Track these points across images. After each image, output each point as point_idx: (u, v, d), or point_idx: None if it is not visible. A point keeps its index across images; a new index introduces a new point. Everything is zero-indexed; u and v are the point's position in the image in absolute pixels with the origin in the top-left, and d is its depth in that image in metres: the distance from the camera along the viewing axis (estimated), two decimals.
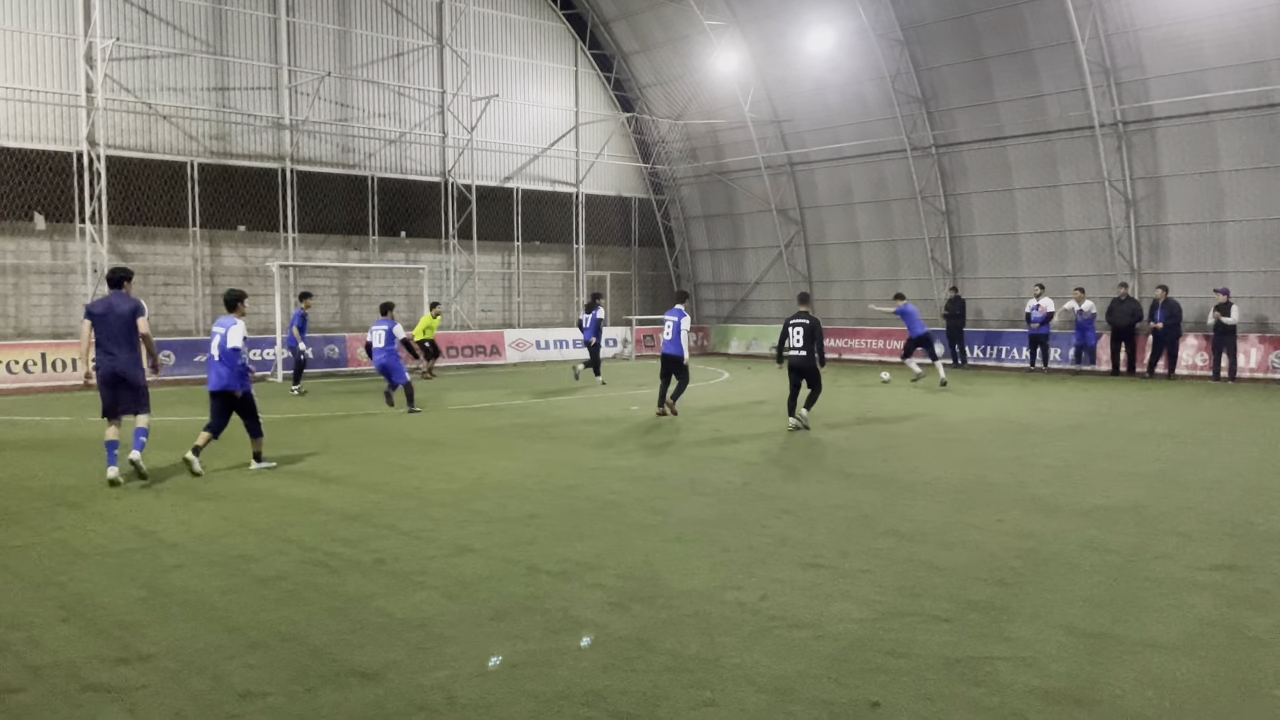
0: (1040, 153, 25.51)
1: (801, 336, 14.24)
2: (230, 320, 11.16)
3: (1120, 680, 4.99)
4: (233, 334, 10.97)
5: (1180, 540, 7.86)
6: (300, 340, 20.19)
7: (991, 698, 4.77)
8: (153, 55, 24.31)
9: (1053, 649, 5.42)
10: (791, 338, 14.35)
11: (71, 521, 8.64)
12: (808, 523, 8.48)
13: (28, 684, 4.97)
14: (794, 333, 14.33)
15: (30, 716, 4.60)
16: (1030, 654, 5.34)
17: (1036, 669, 5.13)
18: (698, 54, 31.04)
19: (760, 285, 33.41)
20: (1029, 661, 5.23)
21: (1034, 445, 12.96)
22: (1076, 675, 5.06)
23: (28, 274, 23.08)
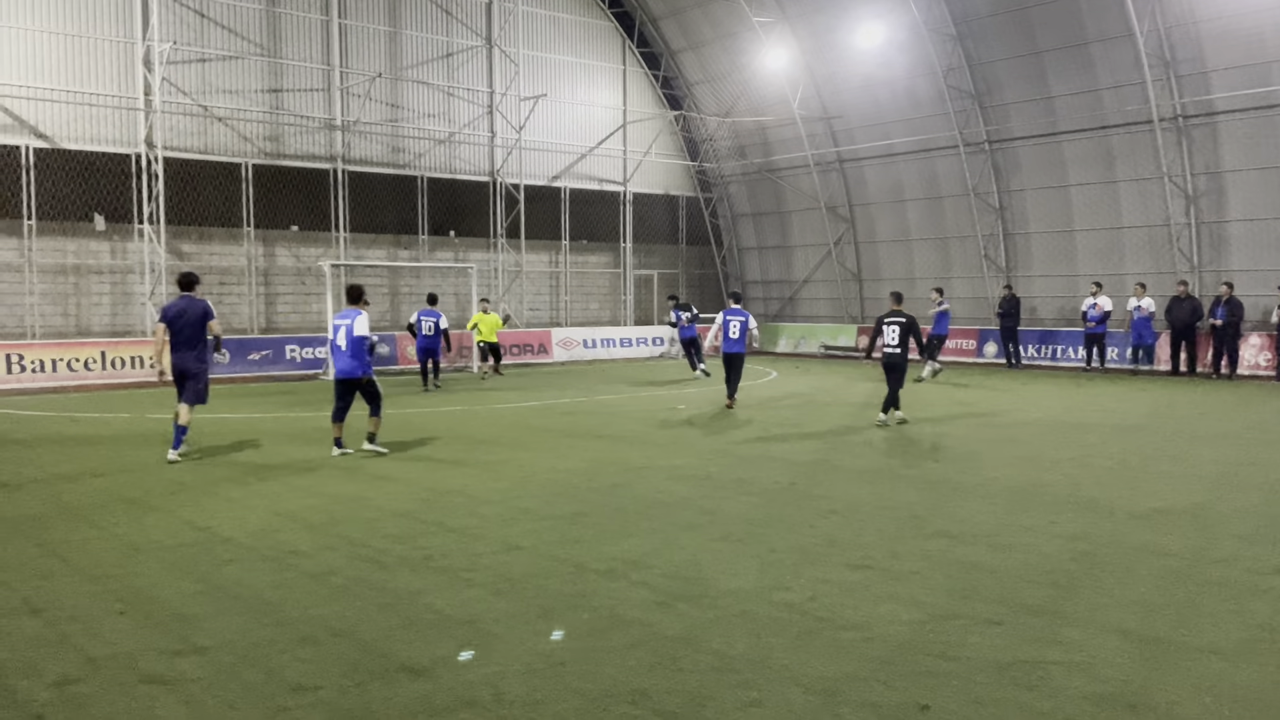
0: (1097, 148, 25.04)
1: (898, 334, 14.43)
2: (354, 311, 11.92)
3: (1176, 686, 4.87)
4: (358, 324, 11.74)
5: (1240, 543, 7.67)
6: None
7: (1044, 702, 4.69)
8: (208, 58, 24.77)
9: (1107, 653, 5.31)
10: (886, 335, 14.51)
11: (129, 516, 8.83)
12: (856, 523, 8.41)
13: (87, 675, 5.09)
14: (889, 331, 14.49)
15: (90, 706, 4.70)
16: (1084, 658, 5.24)
17: (1090, 674, 5.04)
18: (746, 51, 30.91)
19: (809, 284, 33.20)
20: (1083, 666, 5.14)
21: (1089, 446, 12.73)
22: (1131, 680, 4.96)
23: (88, 274, 23.63)
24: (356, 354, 11.78)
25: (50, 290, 23.14)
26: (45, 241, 22.92)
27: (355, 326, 11.72)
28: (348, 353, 11.79)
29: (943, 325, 23.03)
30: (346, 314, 11.94)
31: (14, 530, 8.29)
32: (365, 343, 11.78)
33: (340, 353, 11.88)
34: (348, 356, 11.81)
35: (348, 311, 11.98)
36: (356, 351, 11.77)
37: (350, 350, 11.76)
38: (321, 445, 12.97)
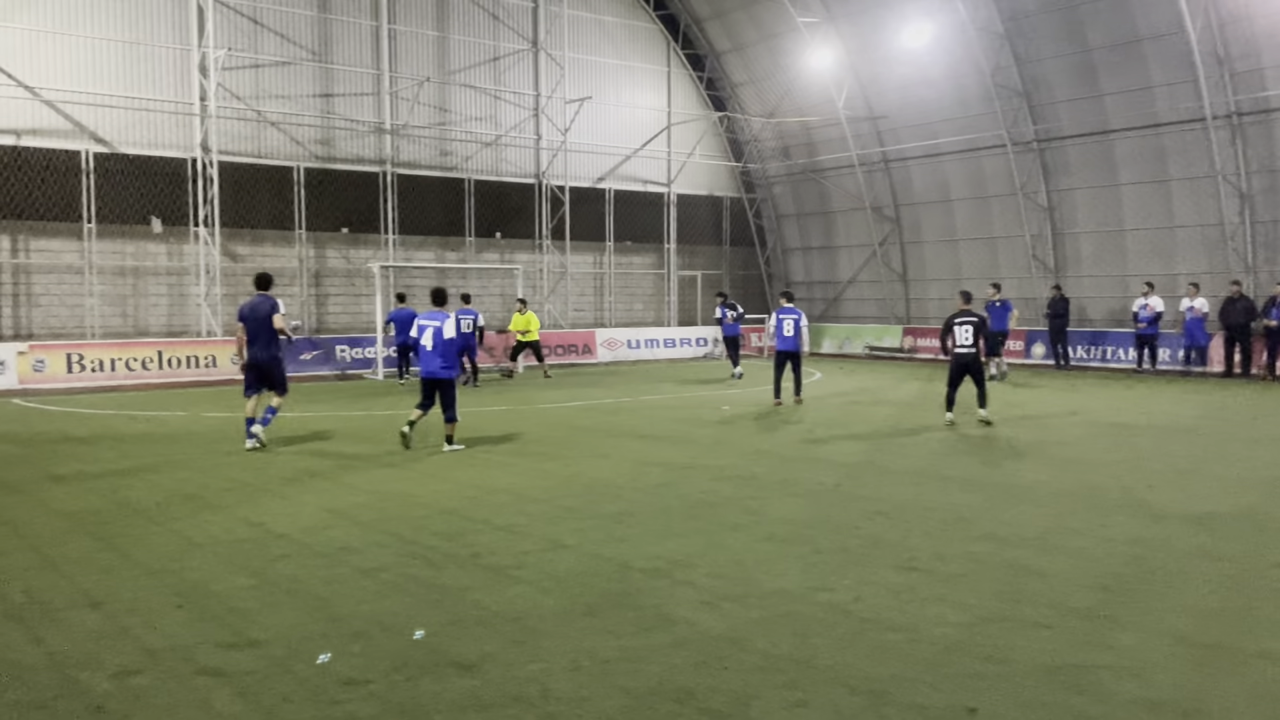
0: (1148, 146, 24.61)
1: (971, 334, 14.38)
2: (442, 314, 12.46)
3: (1231, 693, 4.81)
4: (448, 326, 12.28)
5: None
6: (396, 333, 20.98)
7: (1094, 707, 4.65)
8: (262, 64, 25.20)
9: (1159, 659, 5.25)
10: (959, 335, 14.42)
11: (186, 512, 9.03)
12: (902, 525, 8.37)
13: (145, 666, 5.23)
14: (961, 330, 14.41)
15: (148, 698, 4.83)
16: (1135, 663, 5.19)
17: (1142, 679, 4.98)
18: (791, 52, 30.80)
19: (854, 284, 33.00)
20: (1134, 671, 5.08)
21: (1140, 449, 12.53)
22: (1184, 686, 4.90)
23: (145, 275, 24.15)
24: (444, 355, 12.30)
25: (109, 291, 23.68)
26: (104, 244, 23.47)
27: (445, 329, 12.25)
28: (435, 353, 12.30)
29: (1003, 321, 22.64)
30: (434, 315, 12.44)
31: (75, 525, 8.52)
32: (454, 345, 12.33)
33: (427, 353, 12.37)
34: (435, 357, 12.32)
35: (435, 314, 12.48)
36: (444, 352, 12.29)
37: (438, 351, 12.27)
38: (370, 443, 13.16)
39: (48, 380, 21.21)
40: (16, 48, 22.24)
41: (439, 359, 12.31)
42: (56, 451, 12.71)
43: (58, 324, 23.12)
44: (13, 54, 22.21)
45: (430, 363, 12.39)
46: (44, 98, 22.57)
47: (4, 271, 22.56)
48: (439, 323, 12.31)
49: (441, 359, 12.30)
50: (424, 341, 12.35)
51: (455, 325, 12.45)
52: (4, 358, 20.94)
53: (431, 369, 12.39)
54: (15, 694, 4.86)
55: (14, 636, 5.68)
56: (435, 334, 12.26)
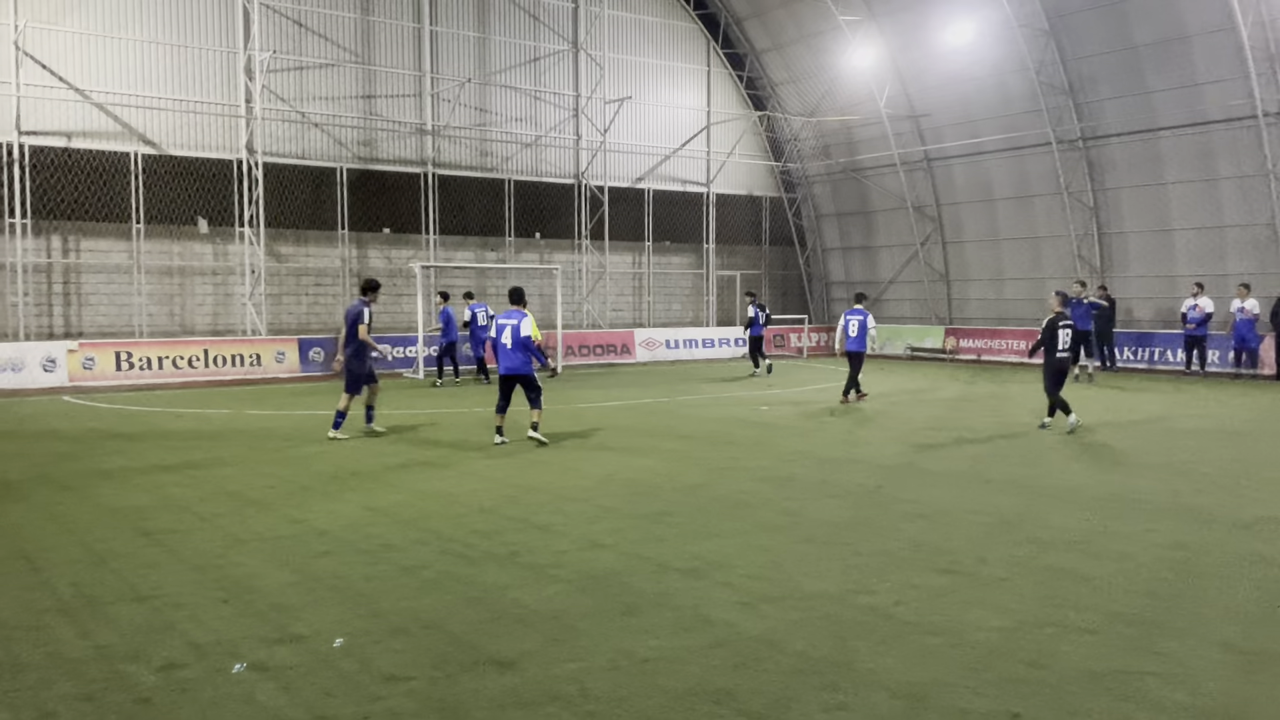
0: (1196, 144, 24.16)
1: (1070, 339, 14.18)
2: (520, 313, 12.76)
3: None
4: (525, 325, 12.58)
5: None
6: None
7: (1140, 714, 4.58)
8: (305, 66, 25.51)
9: (1207, 665, 5.16)
10: (1061, 340, 14.12)
11: (230, 508, 9.16)
12: (943, 528, 8.28)
13: (191, 660, 5.31)
14: (1064, 335, 14.13)
15: (193, 691, 4.91)
16: (1182, 670, 5.10)
17: (1189, 686, 4.89)
18: (832, 50, 30.61)
19: (894, 284, 32.73)
20: (1181, 678, 4.99)
21: (1188, 452, 12.31)
22: (1232, 694, 4.81)
23: (192, 275, 24.54)
24: (523, 352, 12.61)
25: (156, 291, 24.09)
26: (152, 244, 23.88)
27: (522, 327, 12.56)
28: (515, 350, 12.61)
29: (1088, 321, 21.83)
30: (512, 314, 12.76)
31: (122, 520, 8.68)
32: (532, 342, 12.61)
33: (506, 351, 12.68)
34: (514, 354, 12.64)
35: (513, 312, 12.80)
36: (524, 350, 12.61)
37: (516, 348, 12.59)
38: (411, 441, 13.28)
39: (97, 378, 21.62)
40: (67, 51, 22.70)
41: (519, 355, 12.62)
42: (105, 448, 12.95)
43: (106, 323, 23.56)
44: (63, 57, 22.67)
45: (510, 359, 12.68)
46: (94, 100, 23.02)
47: (55, 271, 23.03)
48: (517, 320, 12.61)
49: (521, 354, 12.61)
50: (503, 339, 12.63)
51: (531, 323, 12.70)
52: (55, 356, 21.38)
53: (512, 365, 12.69)
54: (64, 686, 4.96)
55: (63, 630, 5.80)
56: (514, 331, 12.56)
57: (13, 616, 6.04)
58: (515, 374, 12.79)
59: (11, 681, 5.02)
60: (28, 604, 6.29)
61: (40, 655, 5.38)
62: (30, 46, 22.20)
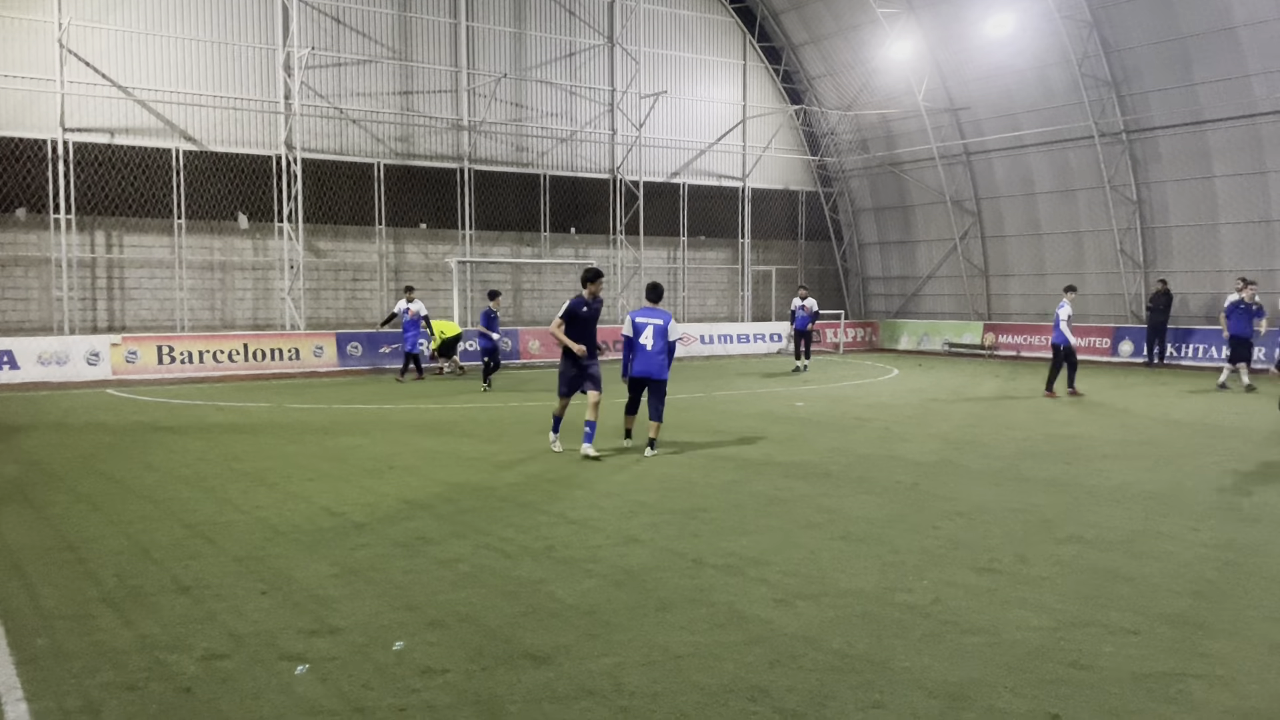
0: (1244, 137, 23.70)
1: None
2: (663, 313, 11.86)
3: None
4: (672, 327, 11.81)
5: None
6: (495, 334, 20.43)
7: (1182, 716, 4.50)
8: (344, 63, 25.71)
9: (1253, 667, 5.05)
10: None
11: (270, 501, 9.26)
12: (982, 526, 8.19)
13: (231, 651, 5.37)
14: None
15: (234, 681, 4.96)
16: (1227, 672, 5.00)
17: (1234, 688, 4.80)
18: (869, 43, 30.36)
19: (933, 280, 32.44)
20: (1226, 680, 4.90)
21: (1234, 451, 12.08)
22: (1278, 696, 4.71)
23: (232, 270, 24.85)
24: (666, 355, 11.80)
25: (198, 285, 24.43)
26: (193, 239, 24.21)
27: (670, 330, 11.78)
28: (655, 352, 11.74)
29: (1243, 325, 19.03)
30: (654, 313, 11.86)
31: (164, 512, 8.80)
32: (675, 345, 11.87)
33: (645, 352, 11.78)
34: (654, 356, 11.76)
35: (654, 311, 11.90)
36: (667, 353, 11.80)
37: (658, 350, 11.75)
38: (449, 435, 13.35)
39: (139, 371, 21.96)
40: (110, 49, 23.05)
41: (659, 358, 11.74)
42: (147, 441, 13.14)
43: (149, 317, 23.92)
44: (106, 55, 23.02)
45: (649, 362, 11.75)
46: (136, 97, 23.36)
47: (98, 266, 23.41)
48: (662, 321, 11.76)
49: (661, 357, 11.73)
50: (643, 340, 11.74)
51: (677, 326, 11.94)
52: (98, 349, 21.74)
53: (649, 368, 11.77)
54: (107, 675, 5.03)
55: (107, 619, 5.88)
56: (657, 332, 11.72)
57: (59, 606, 6.14)
58: (650, 377, 11.83)
59: (56, 669, 5.10)
60: (73, 593, 6.39)
61: (85, 644, 5.46)
62: (74, 44, 22.57)
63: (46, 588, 6.53)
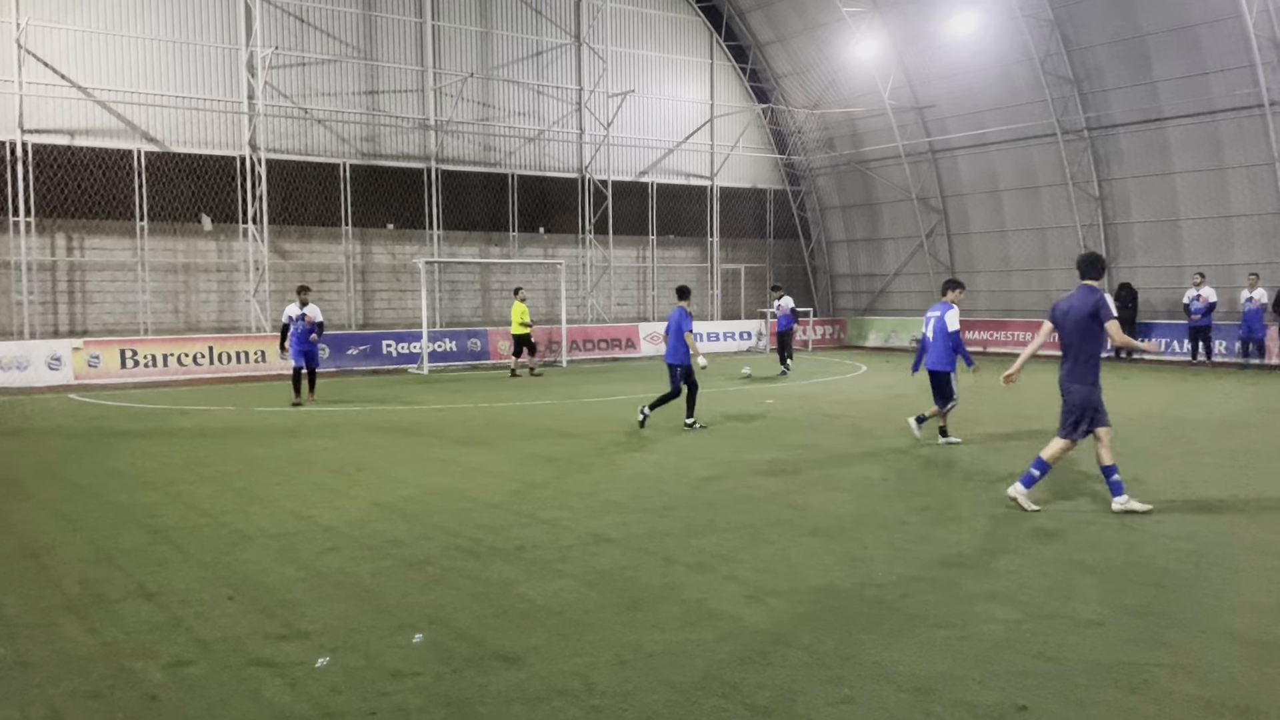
0: (1203, 134, 24.07)
1: None
2: (945, 305, 12.09)
3: None
4: (950, 318, 11.97)
5: None
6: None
7: (1148, 705, 4.56)
8: (308, 62, 25.50)
9: (1215, 656, 5.14)
10: None
11: (237, 505, 9.17)
12: (950, 520, 8.27)
13: (198, 657, 5.32)
14: None
15: (201, 688, 4.91)
16: (1190, 661, 5.08)
17: (1197, 677, 4.88)
18: (835, 42, 30.53)
19: (900, 276, 32.67)
20: (1189, 669, 4.98)
21: (1195, 443, 12.27)
22: (1240, 684, 4.79)
23: (196, 272, 24.57)
24: (946, 347, 11.93)
25: (161, 288, 24.13)
26: (156, 241, 23.91)
27: (948, 321, 11.94)
28: (936, 345, 12.01)
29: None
30: (939, 306, 12.18)
31: (128, 518, 8.69)
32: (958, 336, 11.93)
33: (928, 343, 12.14)
34: (940, 348, 11.98)
35: (941, 305, 12.18)
36: (948, 345, 11.92)
37: (939, 343, 11.95)
38: (417, 436, 13.27)
39: (102, 375, 21.67)
40: (69, 49, 22.71)
41: (941, 349, 11.96)
42: (111, 446, 12.97)
43: (111, 320, 23.60)
44: (66, 55, 22.68)
45: (930, 354, 12.11)
46: (96, 98, 23.04)
47: (59, 269, 23.07)
48: (940, 313, 12.02)
49: (943, 349, 11.93)
50: (927, 332, 12.16)
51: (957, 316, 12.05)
52: (60, 354, 21.43)
53: (933, 361, 12.06)
54: (71, 683, 4.97)
55: (71, 627, 5.81)
56: (937, 324, 11.97)
57: (21, 614, 6.05)
58: (935, 370, 12.09)
59: (20, 679, 5.03)
60: (36, 601, 6.30)
61: (48, 652, 5.39)
62: (33, 45, 22.21)
63: (9, 596, 6.43)
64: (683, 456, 11.59)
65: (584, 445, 12.58)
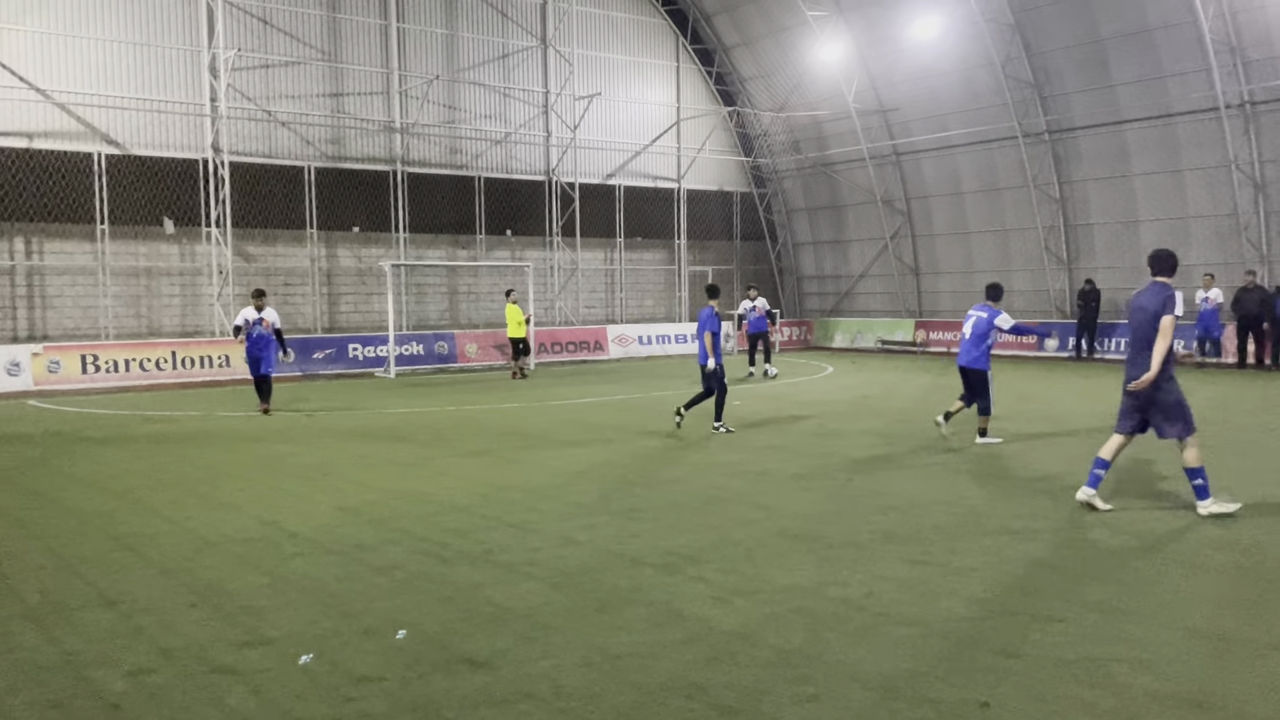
0: (1161, 136, 24.47)
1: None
2: (990, 309, 12.41)
3: (1245, 685, 4.78)
4: (1001, 319, 12.33)
5: None
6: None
7: (1108, 700, 4.63)
8: (272, 64, 25.28)
9: (1173, 651, 5.23)
10: None
11: (200, 511, 9.08)
12: (914, 519, 8.35)
13: (160, 665, 5.26)
14: None
15: (163, 696, 4.86)
16: (1149, 656, 5.17)
17: (1155, 671, 4.96)
18: (800, 45, 30.73)
19: (865, 278, 32.93)
20: (1148, 664, 5.06)
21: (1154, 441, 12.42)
22: (1198, 678, 4.88)
23: (158, 276, 24.28)
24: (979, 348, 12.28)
25: (123, 292, 23.82)
26: (118, 245, 23.60)
27: (1001, 321, 12.30)
28: (973, 345, 12.32)
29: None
30: (980, 306, 12.52)
31: (89, 524, 8.57)
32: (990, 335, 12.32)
33: (965, 343, 12.47)
34: (974, 348, 12.31)
35: (981, 305, 12.54)
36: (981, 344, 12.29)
37: (975, 343, 12.31)
38: (383, 440, 13.19)
39: (62, 381, 21.35)
40: (27, 51, 22.38)
41: (975, 349, 12.27)
42: (72, 452, 12.79)
43: (72, 325, 23.27)
44: (24, 57, 22.35)
45: (964, 352, 12.42)
46: (55, 100, 22.71)
47: (18, 274, 22.71)
48: (985, 314, 12.38)
49: (976, 349, 12.23)
50: (964, 331, 12.49)
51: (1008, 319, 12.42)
52: (19, 359, 21.10)
53: (965, 359, 12.39)
54: (31, 693, 4.90)
55: (30, 636, 5.72)
56: (976, 323, 12.34)
57: None
58: (968, 367, 12.40)
59: None
60: None
61: (7, 662, 5.31)
62: None
63: None
64: (649, 459, 11.61)
65: (552, 448, 12.57)
